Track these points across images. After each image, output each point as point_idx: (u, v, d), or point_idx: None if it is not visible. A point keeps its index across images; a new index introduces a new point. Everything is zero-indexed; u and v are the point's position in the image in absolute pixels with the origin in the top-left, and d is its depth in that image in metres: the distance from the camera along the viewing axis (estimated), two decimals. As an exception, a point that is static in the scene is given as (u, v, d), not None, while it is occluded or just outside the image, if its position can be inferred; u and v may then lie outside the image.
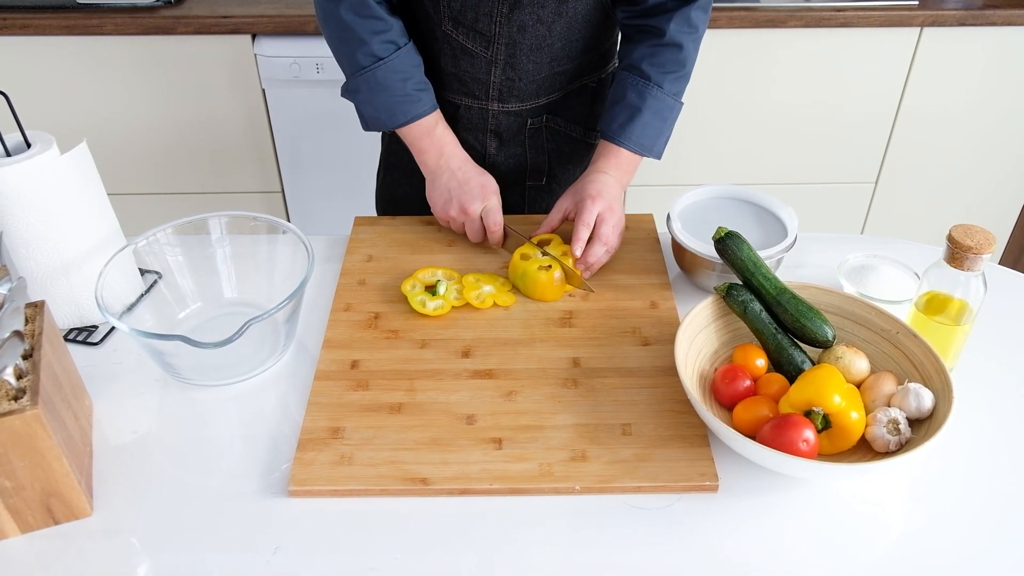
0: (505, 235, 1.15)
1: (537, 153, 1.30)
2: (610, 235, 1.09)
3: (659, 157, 1.18)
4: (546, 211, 1.35)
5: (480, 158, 1.28)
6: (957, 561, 0.77)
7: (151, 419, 0.92)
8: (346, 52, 1.13)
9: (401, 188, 1.38)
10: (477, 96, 1.22)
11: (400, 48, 1.12)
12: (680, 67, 1.15)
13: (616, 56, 1.30)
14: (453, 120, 1.25)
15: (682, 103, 1.18)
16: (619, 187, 1.14)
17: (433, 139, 1.16)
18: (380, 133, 1.43)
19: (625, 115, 1.14)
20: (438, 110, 1.17)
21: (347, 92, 1.17)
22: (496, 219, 1.13)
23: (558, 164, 1.32)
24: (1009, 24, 1.98)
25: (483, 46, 1.16)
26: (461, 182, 1.14)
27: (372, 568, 0.76)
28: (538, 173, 1.32)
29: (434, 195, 1.17)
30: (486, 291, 1.06)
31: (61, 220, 0.95)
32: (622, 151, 1.15)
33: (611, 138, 1.15)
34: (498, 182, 1.31)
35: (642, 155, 1.16)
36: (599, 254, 1.09)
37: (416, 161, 1.19)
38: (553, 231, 1.15)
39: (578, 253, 1.08)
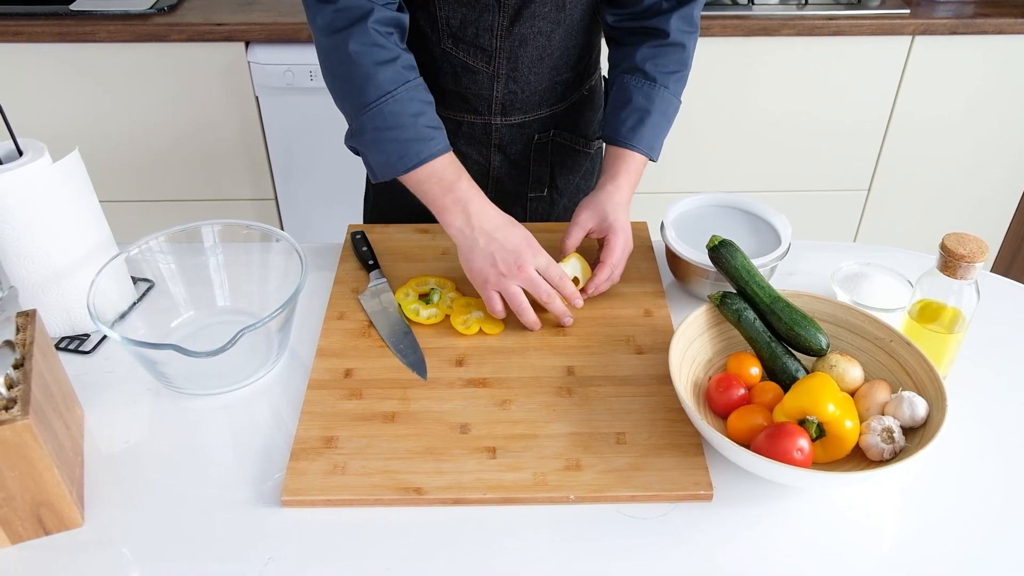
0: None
1: (540, 165, 1.29)
2: (620, 264, 1.07)
3: (656, 159, 1.16)
4: (546, 220, 1.35)
5: (484, 172, 1.27)
6: (951, 569, 0.77)
7: (143, 428, 0.91)
8: (349, 91, 1.02)
9: (384, 200, 1.36)
10: (480, 112, 1.20)
11: (409, 82, 1.02)
12: (683, 67, 1.14)
13: (598, 62, 1.29)
14: (455, 136, 1.23)
15: (681, 101, 1.17)
16: (630, 203, 1.12)
17: (457, 197, 1.02)
18: None
19: (635, 118, 1.11)
20: (451, 152, 1.04)
21: (352, 138, 1.05)
22: (559, 271, 1.02)
23: (560, 175, 1.32)
24: (1000, 33, 2.00)
25: (484, 62, 1.14)
26: (502, 242, 1.00)
27: (365, 578, 0.76)
28: (540, 184, 1.31)
29: (476, 262, 1.01)
30: (474, 317, 1.04)
31: (53, 228, 0.94)
32: (634, 156, 1.11)
33: (622, 142, 1.11)
34: (500, 195, 1.29)
35: (649, 157, 1.13)
36: (603, 279, 1.06)
37: (438, 220, 1.04)
38: (575, 248, 1.09)
39: (591, 292, 1.05)
